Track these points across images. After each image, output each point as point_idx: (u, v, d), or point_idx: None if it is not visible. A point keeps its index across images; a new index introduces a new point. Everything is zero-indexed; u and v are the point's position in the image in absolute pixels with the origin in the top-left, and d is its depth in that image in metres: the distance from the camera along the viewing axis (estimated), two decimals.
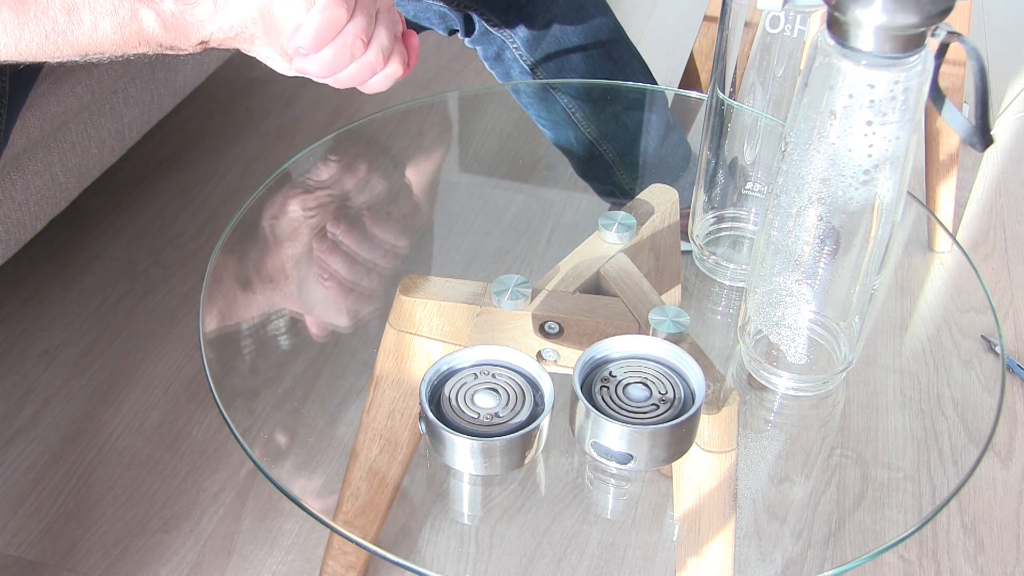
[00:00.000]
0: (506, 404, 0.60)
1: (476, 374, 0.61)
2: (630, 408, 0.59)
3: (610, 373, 0.61)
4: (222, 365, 0.77)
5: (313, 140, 0.96)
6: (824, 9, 0.58)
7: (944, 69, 0.62)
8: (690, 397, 0.60)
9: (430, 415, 0.59)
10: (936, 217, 1.47)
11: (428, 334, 0.71)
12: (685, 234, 0.85)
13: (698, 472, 0.68)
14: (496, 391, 0.60)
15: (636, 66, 1.15)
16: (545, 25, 1.08)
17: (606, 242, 0.73)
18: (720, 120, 0.80)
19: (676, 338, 0.65)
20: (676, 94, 1.23)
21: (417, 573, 0.68)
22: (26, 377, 1.26)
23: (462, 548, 1.04)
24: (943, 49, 0.60)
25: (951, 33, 0.58)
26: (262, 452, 0.71)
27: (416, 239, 1.01)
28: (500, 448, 0.58)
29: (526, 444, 0.59)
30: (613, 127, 1.14)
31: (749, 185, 0.82)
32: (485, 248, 1.01)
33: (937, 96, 0.63)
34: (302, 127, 1.72)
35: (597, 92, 1.13)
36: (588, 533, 1.00)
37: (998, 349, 0.82)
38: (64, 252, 1.45)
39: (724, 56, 0.77)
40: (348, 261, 0.93)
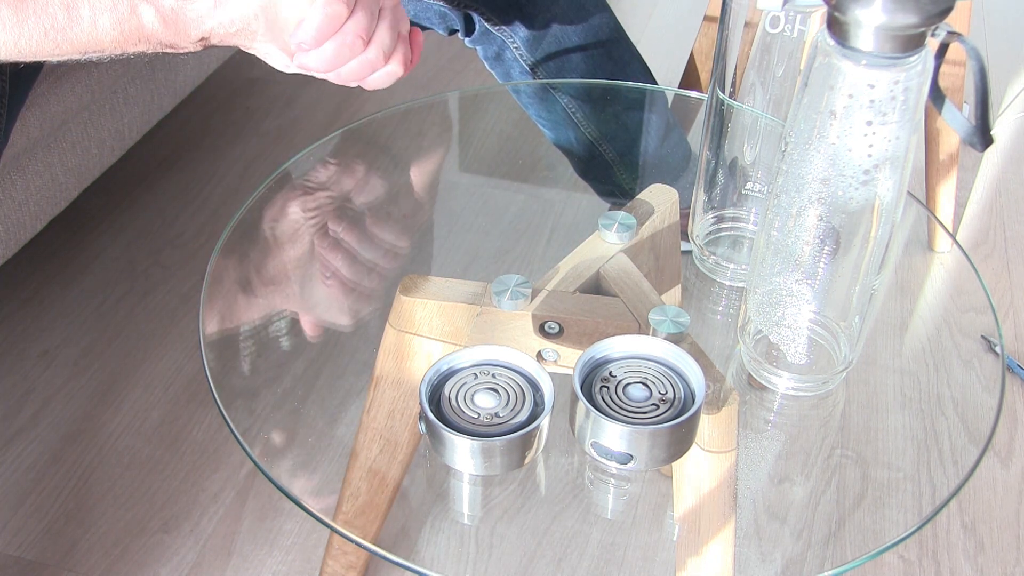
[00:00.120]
0: (506, 404, 0.60)
1: (476, 374, 0.61)
2: (630, 408, 0.59)
3: (610, 373, 0.61)
4: (222, 365, 0.77)
5: (313, 140, 0.96)
6: (824, 9, 0.58)
7: (944, 69, 0.62)
8: (690, 397, 0.60)
9: (430, 415, 0.59)
10: (936, 217, 1.47)
11: (428, 334, 0.71)
12: (685, 234, 0.85)
13: (698, 472, 0.68)
14: (496, 391, 0.60)
15: (636, 66, 1.15)
16: (545, 25, 1.08)
17: (606, 242, 0.73)
18: (720, 120, 0.80)
19: (676, 338, 0.65)
20: (676, 94, 1.23)
21: (417, 573, 0.68)
22: (26, 377, 1.26)
23: (462, 548, 1.04)
24: (943, 49, 0.60)
25: (951, 33, 0.58)
26: (262, 452, 0.71)
27: (416, 239, 1.01)
28: (500, 448, 0.58)
29: (526, 444, 0.59)
30: (613, 127, 1.14)
31: (749, 185, 0.82)
32: (485, 248, 1.01)
33: (937, 96, 0.63)
34: (302, 127, 1.72)
35: (597, 92, 1.13)
36: (588, 533, 1.00)
37: (998, 349, 0.82)
38: (64, 252, 1.45)
39: (724, 56, 0.77)
40: (348, 261, 0.93)
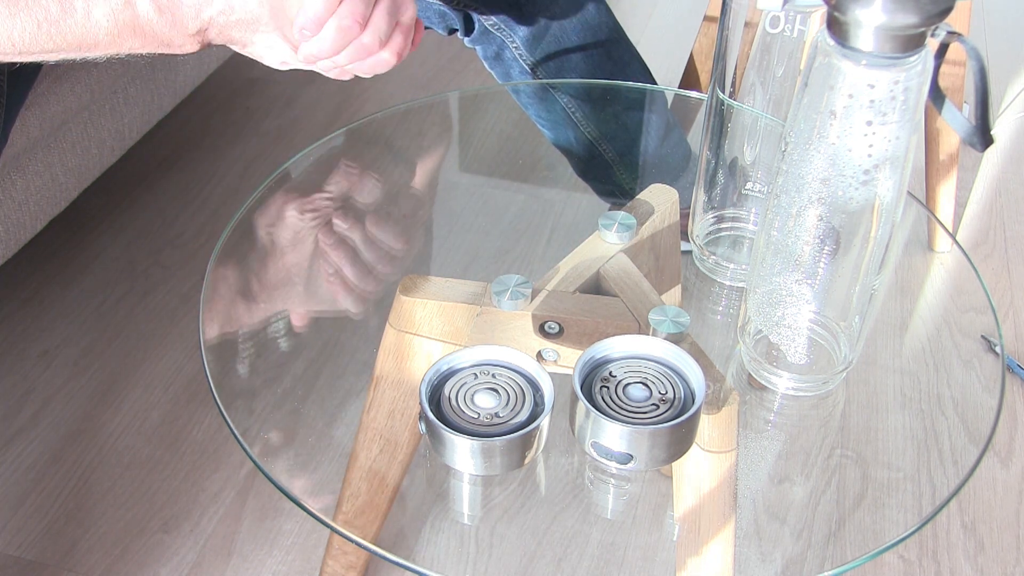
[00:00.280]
0: (506, 404, 0.60)
1: (476, 374, 0.61)
2: (630, 408, 0.59)
3: (610, 373, 0.61)
4: (222, 365, 0.77)
5: (313, 140, 0.96)
6: (824, 9, 0.58)
7: (944, 69, 0.62)
8: (690, 397, 0.60)
9: (430, 415, 0.59)
10: (936, 217, 1.47)
11: (428, 334, 0.71)
12: (685, 234, 0.85)
13: (698, 472, 0.68)
14: (496, 391, 0.60)
15: (636, 66, 1.15)
16: (545, 25, 1.08)
17: (606, 242, 0.73)
18: (720, 120, 0.80)
19: (676, 338, 0.65)
20: (676, 94, 1.23)
21: (417, 573, 0.68)
22: (26, 377, 1.26)
23: (462, 548, 1.04)
24: (943, 49, 0.60)
25: (951, 33, 0.58)
26: (262, 452, 0.71)
27: (416, 239, 1.01)
28: (500, 448, 0.58)
29: (526, 444, 0.59)
30: (613, 127, 1.14)
31: (749, 185, 0.82)
32: (485, 248, 1.01)
33: (937, 96, 0.63)
34: (302, 127, 1.72)
35: (597, 92, 1.13)
36: (588, 533, 1.00)
37: (998, 349, 0.82)
38: (64, 252, 1.45)
39: (724, 56, 0.77)
40: (348, 261, 0.93)
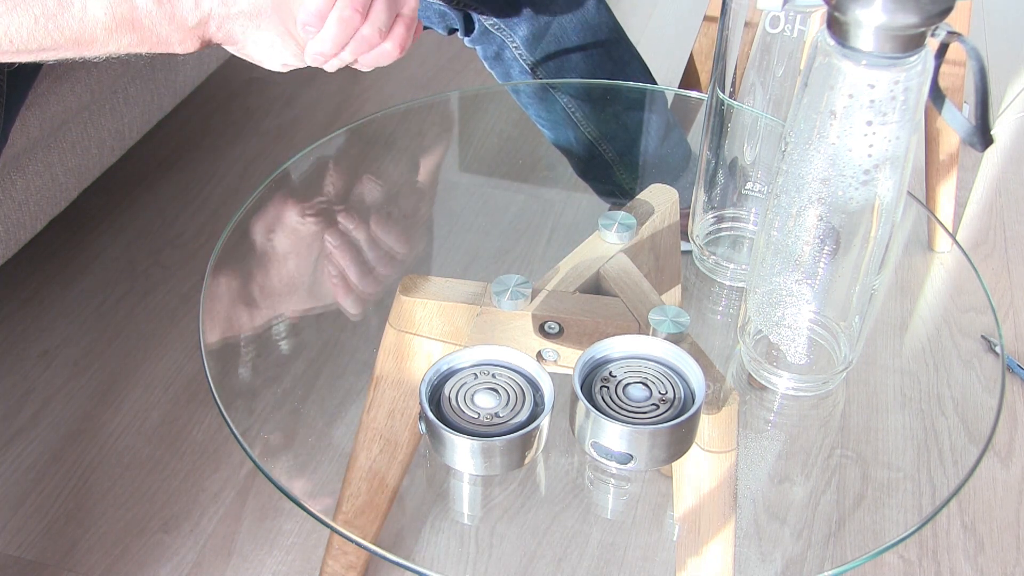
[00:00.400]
0: (506, 404, 0.60)
1: (476, 374, 0.61)
2: (630, 408, 0.59)
3: (610, 373, 0.61)
4: (222, 365, 0.77)
5: (313, 140, 0.96)
6: (824, 9, 0.58)
7: (944, 69, 0.62)
8: (690, 397, 0.60)
9: (430, 415, 0.59)
10: (936, 217, 1.47)
11: (428, 334, 0.71)
12: (685, 234, 0.85)
13: (698, 472, 0.68)
14: (496, 391, 0.60)
15: (636, 66, 1.15)
16: (544, 24, 1.08)
17: (606, 242, 0.73)
18: (720, 120, 0.80)
19: (676, 338, 0.65)
20: (676, 94, 1.23)
21: (417, 573, 0.68)
22: (26, 377, 1.26)
23: (462, 548, 1.04)
24: (943, 49, 0.60)
25: (951, 33, 0.58)
26: (262, 452, 0.71)
27: (416, 239, 1.01)
28: (500, 448, 0.58)
29: (526, 444, 0.59)
30: (613, 127, 1.14)
31: (749, 185, 0.82)
32: (485, 248, 1.01)
33: (937, 96, 0.63)
34: (302, 127, 1.72)
35: (597, 92, 1.13)
36: (588, 533, 1.00)
37: (998, 349, 0.82)
38: (64, 252, 1.45)
39: (724, 56, 0.77)
40: (348, 261, 0.93)
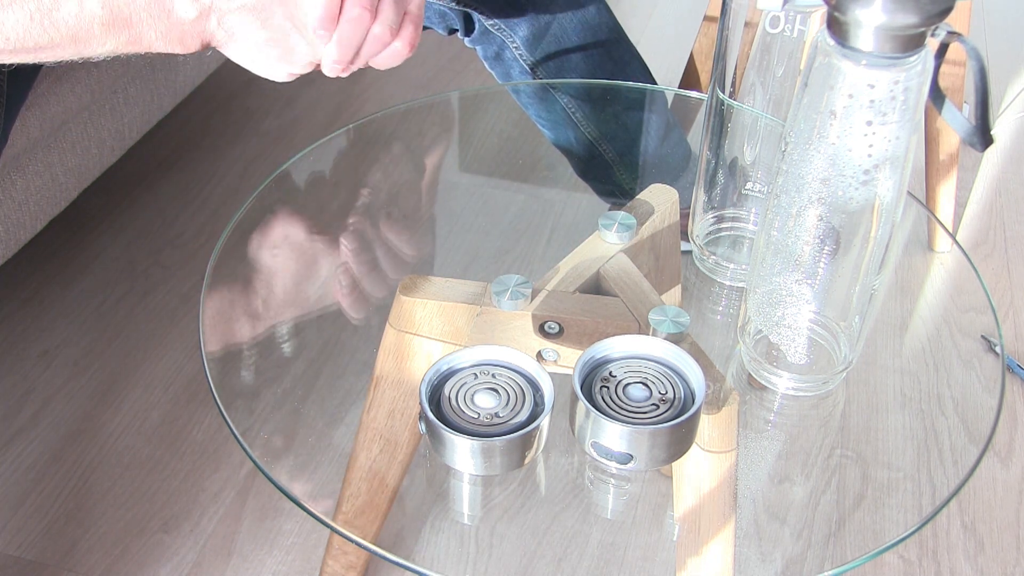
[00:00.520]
0: (506, 404, 0.60)
1: (476, 374, 0.61)
2: (630, 408, 0.59)
3: (610, 373, 0.61)
4: (222, 365, 0.77)
5: (313, 140, 0.96)
6: (824, 9, 0.58)
7: (944, 69, 0.62)
8: (690, 397, 0.60)
9: (430, 415, 0.59)
10: (936, 217, 1.47)
11: (428, 334, 0.71)
12: (685, 234, 0.85)
13: (698, 472, 0.68)
14: (496, 391, 0.60)
15: (636, 66, 1.15)
16: (545, 25, 1.08)
17: (606, 242, 0.73)
18: (720, 120, 0.80)
19: (676, 338, 0.65)
20: (676, 94, 1.23)
21: (417, 573, 0.68)
22: (26, 377, 1.26)
23: (462, 548, 1.04)
24: (943, 49, 0.60)
25: (951, 33, 0.58)
26: (262, 452, 0.71)
27: (416, 239, 1.01)
28: (500, 448, 0.58)
29: (526, 444, 0.59)
30: (613, 127, 1.14)
31: (749, 185, 0.82)
32: (485, 248, 1.01)
33: (937, 96, 0.63)
34: (302, 127, 1.72)
35: (597, 92, 1.13)
36: (588, 533, 1.00)
37: (998, 349, 0.82)
38: (64, 252, 1.45)
39: (724, 56, 0.77)
40: (348, 261, 0.93)
